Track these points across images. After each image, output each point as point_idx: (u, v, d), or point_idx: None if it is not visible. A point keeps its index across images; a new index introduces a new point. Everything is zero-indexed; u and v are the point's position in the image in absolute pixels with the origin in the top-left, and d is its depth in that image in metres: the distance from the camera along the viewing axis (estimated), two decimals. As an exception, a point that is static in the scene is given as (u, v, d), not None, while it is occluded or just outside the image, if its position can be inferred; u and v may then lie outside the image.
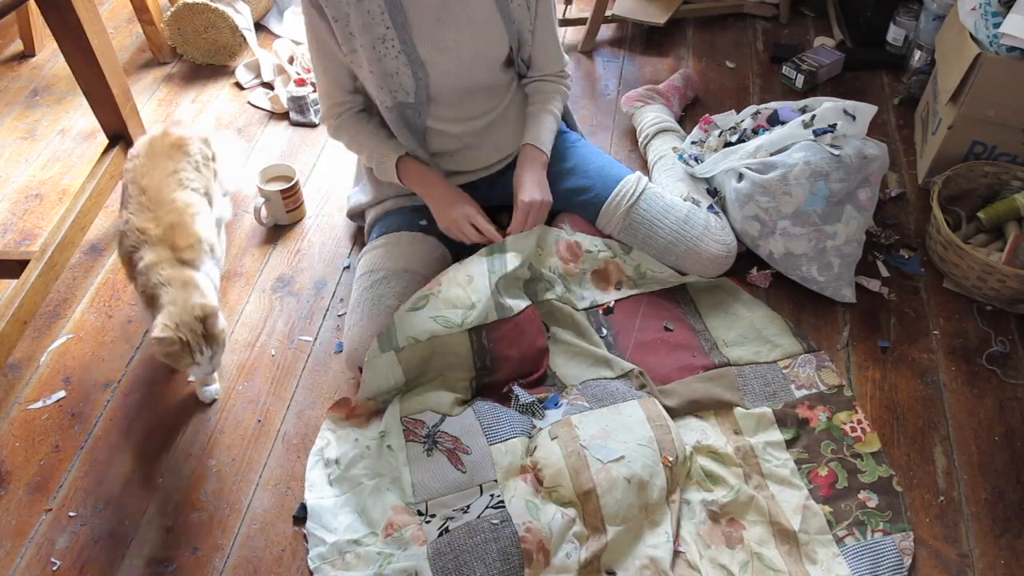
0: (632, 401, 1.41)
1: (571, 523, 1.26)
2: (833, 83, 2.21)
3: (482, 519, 1.26)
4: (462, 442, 1.36)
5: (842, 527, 1.32)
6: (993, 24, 1.62)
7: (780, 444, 1.43)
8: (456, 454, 1.35)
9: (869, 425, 1.45)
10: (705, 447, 1.40)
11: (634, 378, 1.48)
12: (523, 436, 1.38)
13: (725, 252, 1.62)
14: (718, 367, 1.52)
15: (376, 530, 1.30)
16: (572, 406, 1.41)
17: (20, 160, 2.03)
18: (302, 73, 2.24)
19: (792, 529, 1.31)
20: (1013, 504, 1.36)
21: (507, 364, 1.47)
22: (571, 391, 1.46)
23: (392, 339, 1.42)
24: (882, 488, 1.37)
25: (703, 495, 1.34)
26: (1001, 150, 1.77)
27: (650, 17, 2.34)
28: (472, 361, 1.46)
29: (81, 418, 1.50)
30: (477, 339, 1.45)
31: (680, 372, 1.52)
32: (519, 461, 1.34)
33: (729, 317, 1.61)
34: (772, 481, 1.38)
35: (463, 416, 1.40)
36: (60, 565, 1.30)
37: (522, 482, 1.31)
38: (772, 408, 1.47)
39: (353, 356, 1.47)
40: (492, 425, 1.38)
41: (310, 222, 1.86)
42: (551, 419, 1.40)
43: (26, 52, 2.37)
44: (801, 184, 1.56)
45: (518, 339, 1.47)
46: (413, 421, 1.40)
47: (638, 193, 1.63)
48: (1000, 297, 1.62)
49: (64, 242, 1.58)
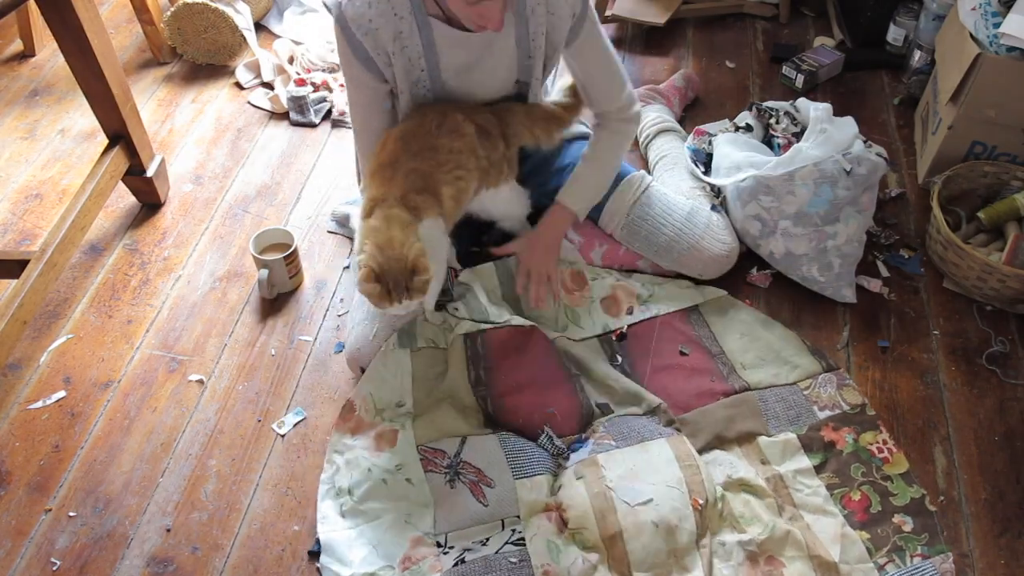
0: (660, 440, 1.37)
1: (592, 570, 1.22)
2: (833, 83, 2.21)
3: (500, 554, 1.23)
4: (486, 474, 1.33)
5: (882, 554, 1.28)
6: (993, 24, 1.62)
7: (809, 471, 1.39)
8: (479, 487, 1.32)
9: (895, 445, 1.42)
10: (736, 480, 1.35)
11: (661, 414, 1.44)
12: (549, 473, 1.35)
13: (727, 252, 1.62)
14: (738, 392, 1.49)
15: (393, 563, 1.26)
16: (599, 445, 1.37)
17: (20, 160, 2.03)
18: (302, 73, 2.24)
19: (833, 560, 1.27)
20: (1013, 504, 1.36)
21: (499, 370, 1.44)
22: (597, 429, 1.41)
23: (413, 338, 1.44)
24: (915, 510, 1.34)
25: (738, 536, 1.28)
26: (1001, 150, 1.77)
27: (650, 17, 2.34)
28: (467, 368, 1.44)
29: (81, 418, 1.50)
30: (472, 345, 1.45)
31: (700, 399, 1.48)
32: (544, 499, 1.31)
33: (745, 338, 1.57)
34: (806, 511, 1.34)
35: (487, 444, 1.37)
36: (60, 565, 1.30)
37: (546, 520, 1.28)
38: (796, 433, 1.43)
39: (355, 356, 1.48)
40: (518, 458, 1.35)
41: (310, 222, 1.86)
42: (577, 457, 1.36)
43: (26, 52, 2.37)
44: (807, 185, 1.56)
45: (511, 346, 1.45)
46: (431, 451, 1.37)
47: (641, 191, 1.63)
48: (1000, 297, 1.62)
49: (64, 242, 1.58)
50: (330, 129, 2.11)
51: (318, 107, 2.15)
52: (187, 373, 1.57)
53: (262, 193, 1.94)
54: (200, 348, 1.61)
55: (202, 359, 1.59)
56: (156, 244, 1.82)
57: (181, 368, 1.58)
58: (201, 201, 1.92)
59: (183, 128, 2.12)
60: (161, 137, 2.09)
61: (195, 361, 1.59)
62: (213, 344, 1.61)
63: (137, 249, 1.81)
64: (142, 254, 1.80)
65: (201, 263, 1.77)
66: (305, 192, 1.94)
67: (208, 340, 1.62)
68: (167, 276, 1.75)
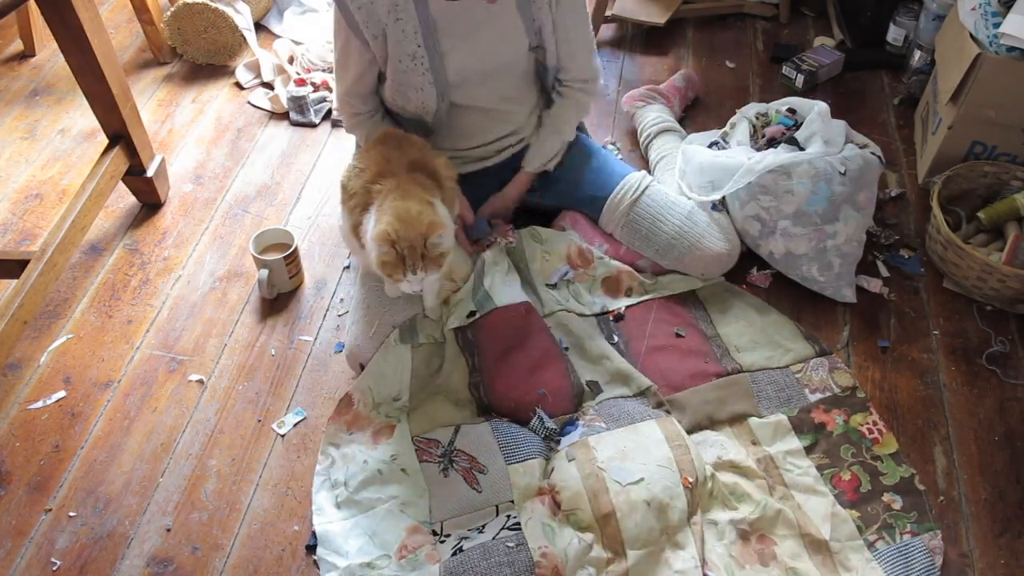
0: (650, 421, 1.39)
1: (588, 549, 1.24)
2: (833, 83, 2.21)
3: (497, 540, 1.24)
4: (478, 460, 1.34)
5: (871, 531, 1.31)
6: (993, 24, 1.62)
7: (799, 452, 1.41)
8: (472, 473, 1.33)
9: (884, 426, 1.44)
10: (727, 462, 1.38)
11: (651, 396, 1.46)
12: (541, 457, 1.36)
13: (727, 251, 1.62)
14: (731, 373, 1.51)
15: (389, 552, 1.27)
16: (589, 427, 1.39)
17: (20, 160, 2.03)
18: (302, 73, 2.24)
19: (823, 538, 1.29)
20: (1013, 504, 1.36)
21: (491, 356, 1.46)
22: (588, 411, 1.43)
23: (414, 334, 1.45)
24: (905, 489, 1.37)
25: (730, 514, 1.31)
26: (1001, 150, 1.77)
27: (650, 17, 2.34)
28: (465, 360, 1.47)
29: (81, 418, 1.50)
30: (463, 335, 1.47)
31: (693, 379, 1.50)
32: (537, 482, 1.33)
33: (740, 323, 1.60)
34: (797, 490, 1.36)
35: (479, 431, 1.38)
36: (60, 565, 1.30)
37: (539, 504, 1.30)
38: (787, 415, 1.45)
39: (354, 352, 1.48)
40: (510, 444, 1.36)
41: (310, 222, 1.86)
42: (568, 440, 1.38)
43: (26, 52, 2.37)
44: (804, 183, 1.56)
45: (502, 331, 1.47)
46: (425, 441, 1.39)
47: (641, 190, 1.63)
48: (1000, 297, 1.62)
49: (64, 242, 1.58)
50: (330, 129, 2.11)
51: (318, 107, 2.15)
52: (187, 373, 1.57)
53: (262, 193, 1.94)
54: (200, 348, 1.61)
55: (202, 359, 1.59)
56: (156, 244, 1.82)
57: (181, 368, 1.58)
58: (201, 201, 1.92)
59: (183, 128, 2.12)
60: (161, 137, 2.09)
61: (195, 361, 1.59)
62: (213, 344, 1.61)
63: (137, 249, 1.81)
64: (142, 254, 1.80)
65: (201, 263, 1.77)
66: (305, 192, 1.94)
67: (208, 340, 1.62)
68: (167, 276, 1.75)
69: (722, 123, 1.87)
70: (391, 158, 1.39)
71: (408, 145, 1.44)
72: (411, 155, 1.40)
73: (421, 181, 1.36)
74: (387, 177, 1.36)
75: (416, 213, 1.28)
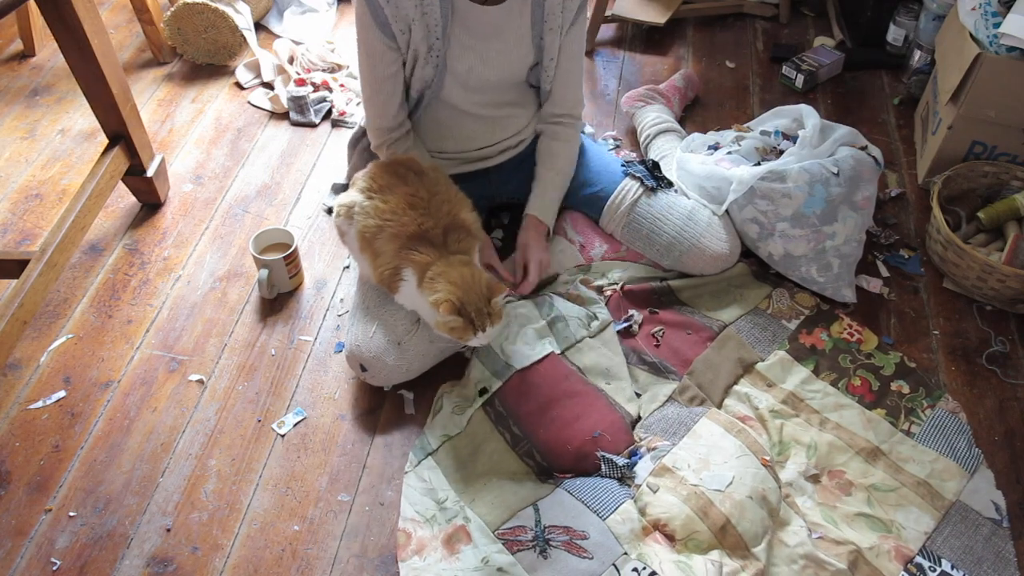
0: (701, 420, 1.39)
1: (721, 568, 1.20)
2: (833, 83, 2.21)
3: None
4: (575, 529, 1.25)
5: (902, 422, 1.43)
6: (993, 24, 1.62)
7: (810, 378, 1.51)
8: (574, 543, 1.24)
9: (858, 325, 1.58)
10: (762, 413, 1.43)
11: (678, 395, 1.46)
12: (628, 499, 1.30)
13: (728, 250, 1.62)
14: (719, 332, 1.56)
15: None
16: (655, 451, 1.36)
17: (20, 160, 2.03)
18: (302, 73, 2.24)
19: (874, 445, 1.40)
20: (1013, 504, 1.36)
21: (529, 418, 1.40)
22: (639, 436, 1.40)
23: (425, 446, 1.41)
24: (902, 372, 1.51)
25: (796, 468, 1.36)
26: (1001, 150, 1.77)
27: (650, 17, 2.34)
28: (499, 433, 1.41)
29: (81, 418, 1.50)
30: (493, 410, 1.43)
31: (693, 348, 1.54)
32: (638, 525, 1.27)
33: (694, 280, 1.63)
34: (828, 412, 1.45)
35: (558, 499, 1.30)
36: (60, 565, 1.30)
37: (656, 544, 1.25)
38: (783, 349, 1.54)
39: (354, 354, 1.47)
40: (594, 499, 1.29)
41: (310, 222, 1.86)
42: (643, 471, 1.34)
43: (26, 52, 2.37)
44: (800, 188, 1.56)
45: (531, 392, 1.42)
46: (510, 531, 1.27)
47: (641, 190, 1.63)
48: (1000, 297, 1.62)
49: (64, 242, 1.58)
50: (330, 129, 2.11)
51: (318, 107, 2.15)
52: (187, 373, 1.57)
53: (262, 193, 1.94)
54: (200, 348, 1.61)
55: (202, 359, 1.59)
56: (156, 244, 1.82)
57: (181, 368, 1.58)
58: (201, 201, 1.92)
59: (183, 128, 2.12)
60: (161, 137, 2.09)
61: (195, 361, 1.59)
62: (213, 344, 1.61)
63: (137, 249, 1.81)
64: (142, 254, 1.80)
65: (201, 263, 1.77)
66: (305, 192, 1.94)
67: (208, 340, 1.62)
68: (167, 276, 1.75)
69: (722, 123, 1.87)
70: (421, 221, 1.39)
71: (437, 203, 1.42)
72: (442, 220, 1.41)
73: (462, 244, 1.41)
74: (424, 245, 1.38)
75: (474, 278, 1.34)
